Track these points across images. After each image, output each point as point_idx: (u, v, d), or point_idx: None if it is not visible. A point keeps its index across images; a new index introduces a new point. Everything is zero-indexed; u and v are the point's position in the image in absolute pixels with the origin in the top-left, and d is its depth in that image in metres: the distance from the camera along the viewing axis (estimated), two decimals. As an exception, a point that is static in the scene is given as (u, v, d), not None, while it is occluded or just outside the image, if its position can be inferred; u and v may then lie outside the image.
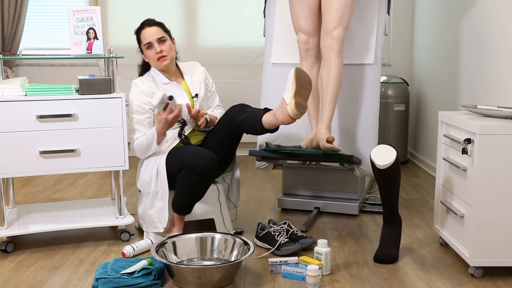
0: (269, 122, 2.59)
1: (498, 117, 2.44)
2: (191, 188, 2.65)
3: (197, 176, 2.61)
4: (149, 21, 2.86)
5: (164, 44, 2.82)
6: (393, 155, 2.47)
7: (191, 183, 2.63)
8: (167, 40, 2.84)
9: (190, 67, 3.00)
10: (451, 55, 4.02)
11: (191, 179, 2.62)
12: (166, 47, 2.81)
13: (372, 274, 2.46)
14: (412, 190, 3.92)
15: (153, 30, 2.81)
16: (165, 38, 2.83)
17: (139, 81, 2.84)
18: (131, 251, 2.64)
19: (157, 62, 2.82)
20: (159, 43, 2.81)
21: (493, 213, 2.35)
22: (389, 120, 4.68)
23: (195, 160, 2.61)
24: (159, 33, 2.81)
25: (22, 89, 2.66)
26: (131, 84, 2.84)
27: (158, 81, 2.86)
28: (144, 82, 2.84)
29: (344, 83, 3.12)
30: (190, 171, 2.61)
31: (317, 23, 2.99)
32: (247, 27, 5.10)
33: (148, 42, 2.81)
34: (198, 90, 2.92)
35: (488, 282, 2.37)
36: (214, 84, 3.08)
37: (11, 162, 2.64)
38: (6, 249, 2.72)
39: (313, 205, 3.37)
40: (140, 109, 2.78)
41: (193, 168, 2.60)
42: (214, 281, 2.26)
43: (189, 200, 2.70)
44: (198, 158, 2.61)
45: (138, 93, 2.80)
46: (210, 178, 2.66)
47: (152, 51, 2.81)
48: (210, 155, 2.64)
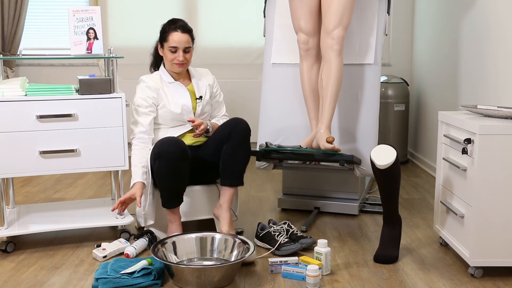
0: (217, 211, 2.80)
1: (498, 117, 2.44)
2: (164, 179, 2.63)
3: (164, 164, 2.60)
4: (183, 26, 2.86)
5: (188, 54, 2.87)
6: (393, 155, 2.47)
7: (162, 173, 2.62)
8: (192, 50, 2.89)
9: (200, 73, 3.03)
10: (451, 55, 4.02)
11: (161, 168, 2.62)
12: (188, 56, 2.87)
13: (372, 274, 2.46)
14: (412, 190, 3.92)
15: (184, 38, 2.84)
16: (190, 49, 2.88)
17: (147, 77, 2.88)
18: (134, 251, 2.64)
19: (173, 66, 2.86)
20: (184, 52, 2.84)
21: (493, 213, 2.35)
22: (389, 120, 4.68)
23: (160, 148, 2.62)
24: (188, 42, 2.85)
25: (22, 89, 2.66)
26: (139, 79, 2.88)
27: (165, 80, 2.89)
28: (151, 78, 2.88)
29: (344, 83, 3.12)
30: (159, 160, 2.62)
31: (317, 23, 2.99)
32: (247, 27, 5.10)
33: (175, 47, 2.83)
34: (203, 93, 2.94)
35: (488, 282, 2.37)
36: (222, 94, 3.09)
37: (11, 162, 2.64)
38: (6, 249, 2.72)
39: (313, 205, 3.37)
40: (145, 102, 2.81)
41: (160, 157, 2.61)
42: (214, 281, 2.26)
43: (166, 192, 2.66)
44: (163, 145, 2.62)
45: (144, 87, 2.84)
46: (179, 164, 2.61)
47: (173, 55, 2.84)
48: (175, 140, 2.64)
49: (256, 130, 4.51)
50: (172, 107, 2.83)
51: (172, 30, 2.84)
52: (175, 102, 2.84)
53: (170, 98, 2.85)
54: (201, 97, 2.92)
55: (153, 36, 5.80)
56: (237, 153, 2.71)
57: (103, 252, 2.64)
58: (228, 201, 2.74)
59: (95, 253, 2.65)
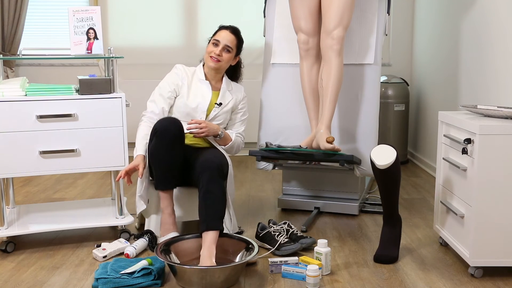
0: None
1: (498, 117, 2.44)
2: (160, 154, 2.64)
3: (160, 139, 2.62)
4: (234, 28, 2.95)
5: (226, 54, 2.89)
6: (393, 155, 2.47)
7: (157, 149, 2.63)
8: (232, 53, 2.92)
9: (233, 86, 3.04)
10: (451, 55, 4.02)
11: (156, 144, 2.63)
12: (225, 56, 2.89)
13: (372, 274, 2.46)
14: (412, 190, 3.92)
15: (230, 37, 2.90)
16: (231, 50, 2.91)
17: (181, 66, 2.97)
18: (134, 251, 2.64)
19: (208, 58, 2.90)
20: (223, 49, 2.88)
21: (493, 213, 2.35)
22: (389, 120, 4.68)
23: (159, 124, 2.65)
24: (231, 42, 2.90)
25: (22, 89, 2.66)
26: (174, 66, 2.98)
27: (197, 75, 2.96)
28: (185, 69, 2.97)
29: (344, 83, 3.12)
30: (156, 136, 2.64)
31: (317, 23, 2.99)
32: (247, 27, 5.09)
33: (218, 40, 2.89)
34: (225, 102, 2.95)
35: (488, 282, 2.37)
36: (247, 114, 3.07)
37: (11, 162, 2.64)
38: (6, 249, 2.72)
39: (313, 205, 3.37)
40: (168, 87, 2.89)
41: (157, 132, 2.63)
42: (217, 282, 2.25)
43: (160, 171, 2.66)
44: (161, 122, 2.65)
45: (174, 73, 2.94)
46: (174, 142, 2.62)
47: (214, 48, 2.89)
48: (173, 119, 2.67)
49: (256, 130, 4.50)
50: (189, 101, 2.87)
51: (223, 28, 2.95)
52: (193, 98, 2.88)
53: (192, 92, 2.90)
54: (221, 103, 2.93)
55: (153, 36, 5.76)
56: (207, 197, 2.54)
57: (103, 252, 2.64)
58: (209, 248, 2.43)
59: (95, 253, 2.65)
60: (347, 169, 3.22)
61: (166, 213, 2.72)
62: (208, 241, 2.42)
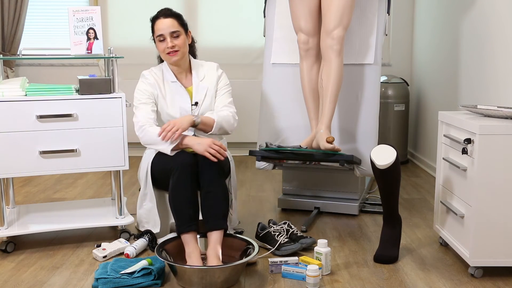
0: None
1: (498, 117, 2.44)
2: (182, 190, 2.48)
3: (181, 175, 2.49)
4: (164, 11, 2.72)
5: (178, 39, 2.69)
6: (393, 155, 2.47)
7: (179, 185, 2.49)
8: (181, 34, 2.71)
9: (204, 68, 2.87)
10: (451, 55, 4.02)
11: (178, 180, 2.49)
12: (179, 42, 2.69)
13: (372, 274, 2.46)
14: (412, 190, 3.92)
15: (168, 23, 2.68)
16: (179, 32, 2.70)
17: (148, 73, 2.79)
18: (134, 251, 2.64)
19: (167, 56, 2.71)
20: (171, 38, 2.68)
21: (493, 213, 2.35)
22: (389, 120, 4.68)
23: (174, 161, 2.54)
24: (173, 26, 2.68)
25: (22, 89, 2.66)
26: (141, 74, 2.80)
27: (167, 77, 2.79)
28: (153, 74, 2.79)
29: (344, 83, 3.12)
30: (175, 173, 2.50)
31: (317, 23, 2.99)
32: (247, 27, 5.10)
33: (161, 34, 2.68)
34: (201, 98, 2.79)
35: (488, 282, 2.37)
36: (228, 87, 2.89)
37: (11, 162, 2.64)
38: (6, 249, 2.72)
39: (313, 205, 3.37)
40: (143, 94, 2.73)
41: (176, 168, 2.51)
42: (218, 282, 2.25)
43: (185, 210, 2.47)
44: (176, 158, 2.55)
45: (145, 83, 2.76)
46: (194, 175, 2.51)
47: (163, 44, 2.69)
48: (187, 154, 2.55)
49: (256, 130, 4.50)
50: (170, 110, 2.75)
51: (155, 18, 2.73)
52: (173, 105, 2.76)
53: (169, 100, 2.76)
54: (197, 103, 2.78)
55: (153, 36, 5.65)
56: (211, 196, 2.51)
57: (103, 252, 2.64)
58: (214, 248, 2.43)
59: (95, 253, 2.65)
60: (347, 169, 3.22)
61: (194, 257, 2.41)
62: (213, 241, 2.44)
